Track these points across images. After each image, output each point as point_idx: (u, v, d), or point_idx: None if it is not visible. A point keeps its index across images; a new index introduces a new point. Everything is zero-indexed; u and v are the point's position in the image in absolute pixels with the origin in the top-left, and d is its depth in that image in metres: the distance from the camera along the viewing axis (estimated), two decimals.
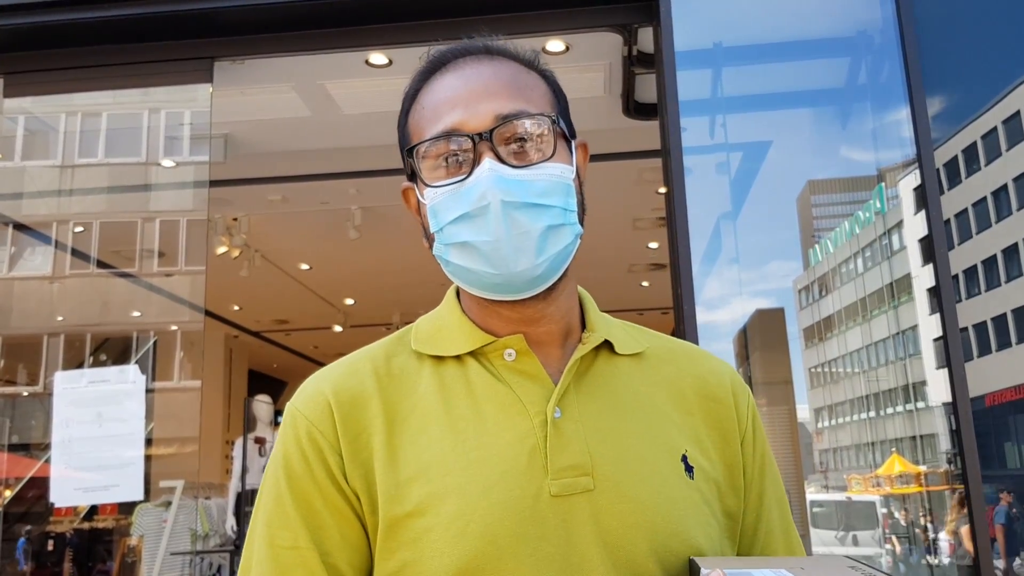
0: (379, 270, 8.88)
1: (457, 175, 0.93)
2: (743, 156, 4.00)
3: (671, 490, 0.92)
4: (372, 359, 1.00)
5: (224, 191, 6.02)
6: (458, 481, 0.88)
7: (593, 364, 0.99)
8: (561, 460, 0.90)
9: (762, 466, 1.04)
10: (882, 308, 5.19)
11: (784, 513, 1.05)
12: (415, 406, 0.94)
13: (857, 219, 5.91)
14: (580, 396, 0.95)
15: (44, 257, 4.69)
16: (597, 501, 0.89)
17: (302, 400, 0.97)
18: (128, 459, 3.62)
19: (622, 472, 0.91)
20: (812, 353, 8.74)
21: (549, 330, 0.98)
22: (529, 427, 0.91)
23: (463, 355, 0.98)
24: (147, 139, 4.42)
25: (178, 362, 5.47)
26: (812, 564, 0.79)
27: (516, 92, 0.96)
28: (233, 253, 7.35)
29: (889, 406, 5.69)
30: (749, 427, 1.04)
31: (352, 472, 0.90)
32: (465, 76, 0.97)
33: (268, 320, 11.45)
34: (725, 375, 1.06)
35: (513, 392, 0.94)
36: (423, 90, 1.00)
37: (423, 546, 0.86)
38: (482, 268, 0.92)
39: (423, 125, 0.97)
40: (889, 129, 3.78)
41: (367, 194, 6.49)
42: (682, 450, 0.96)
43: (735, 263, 3.87)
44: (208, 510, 6.14)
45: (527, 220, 0.90)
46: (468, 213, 0.91)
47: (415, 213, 1.03)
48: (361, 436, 0.92)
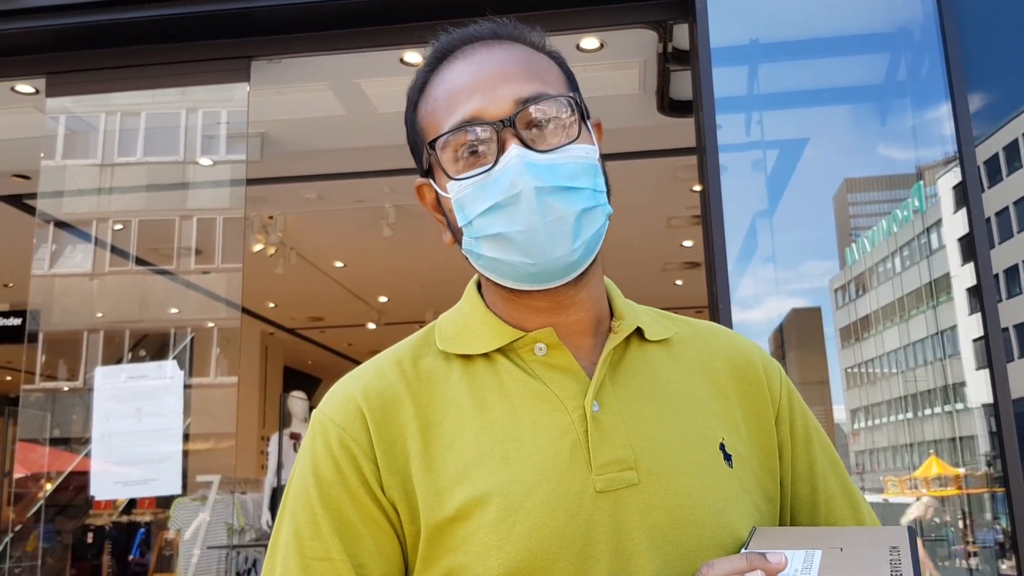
0: (412, 268, 8.92)
1: (481, 165, 0.90)
2: (779, 153, 3.96)
3: (712, 481, 0.90)
4: (399, 362, 0.97)
5: (260, 189, 6.08)
6: (500, 482, 0.86)
7: (625, 353, 0.97)
8: (604, 455, 0.88)
9: (806, 436, 1.02)
10: (920, 308, 5.12)
11: (841, 477, 1.03)
12: (447, 408, 0.92)
13: (895, 218, 5.83)
14: (616, 387, 0.93)
15: (84, 254, 4.75)
16: (643, 495, 0.87)
17: (331, 407, 0.94)
18: (166, 454, 3.67)
19: (665, 465, 0.89)
20: (848, 353, 8.62)
21: (580, 318, 0.96)
22: (567, 422, 0.89)
23: (491, 352, 0.95)
24: (185, 138, 4.48)
25: (215, 358, 5.53)
26: (855, 542, 0.78)
27: (532, 74, 0.93)
28: (269, 251, 7.42)
29: (927, 407, 5.61)
30: (785, 402, 1.02)
31: (388, 480, 0.88)
32: (478, 61, 0.94)
33: (303, 317, 11.55)
34: (754, 352, 1.04)
35: (547, 387, 0.92)
36: (432, 80, 0.97)
37: (469, 551, 0.84)
38: (518, 259, 0.89)
39: (439, 116, 0.94)
40: (929, 126, 3.72)
41: (401, 192, 6.51)
42: (719, 438, 0.94)
43: (771, 262, 3.84)
44: (244, 505, 6.20)
45: (561, 205, 0.88)
46: (499, 203, 0.88)
47: (432, 210, 1.01)
48: (396, 443, 0.90)
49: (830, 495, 1.01)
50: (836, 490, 1.01)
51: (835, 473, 1.03)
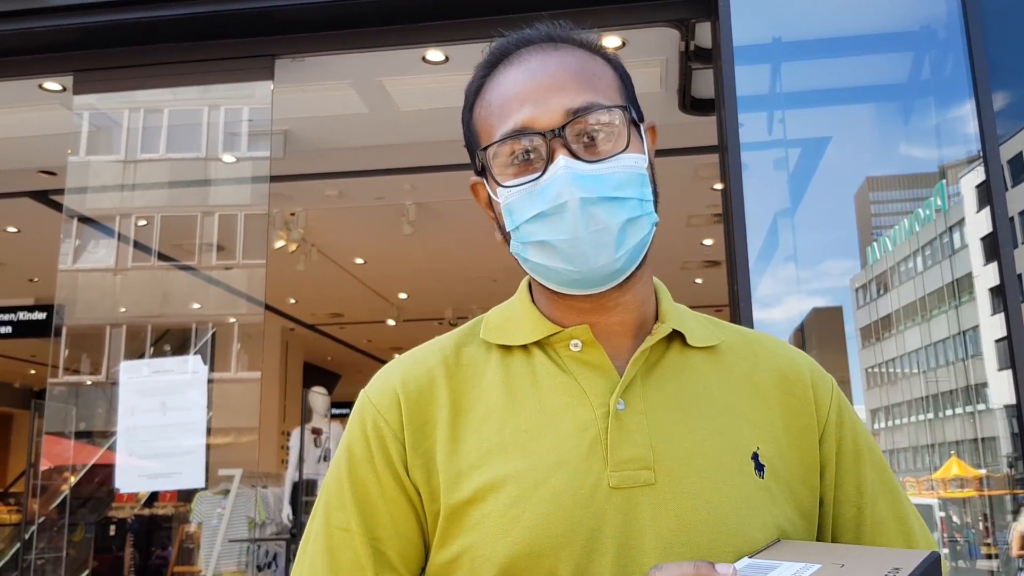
0: (432, 265, 8.94)
1: (530, 173, 0.92)
2: (801, 152, 3.95)
3: (734, 489, 0.89)
4: (442, 349, 1.01)
5: (283, 186, 6.12)
6: (516, 468, 0.88)
7: (664, 356, 0.98)
8: (621, 453, 0.89)
9: (856, 456, 1.00)
10: (942, 308, 5.09)
11: (896, 502, 1.00)
12: (480, 396, 0.95)
13: (917, 217, 5.79)
14: (647, 389, 0.94)
15: (107, 250, 4.80)
16: (657, 496, 0.87)
17: (374, 388, 0.98)
18: (190, 447, 3.71)
19: (685, 468, 0.89)
20: (869, 353, 8.55)
21: (623, 320, 0.97)
22: (591, 418, 0.91)
23: (530, 345, 0.98)
24: (208, 135, 4.51)
25: (235, 354, 5.57)
26: (862, 561, 0.75)
27: (585, 83, 0.93)
28: (290, 247, 7.46)
29: (948, 408, 5.57)
30: (833, 419, 1.00)
31: (413, 462, 0.91)
32: (531, 69, 0.94)
33: (323, 313, 11.61)
34: (804, 367, 1.03)
35: (576, 382, 0.94)
36: (487, 84, 0.98)
37: (480, 532, 0.87)
38: (561, 266, 0.91)
39: (492, 123, 0.95)
40: (952, 125, 3.70)
41: (422, 190, 6.54)
42: (753, 448, 0.93)
43: (792, 261, 3.83)
44: (265, 499, 6.24)
45: (605, 215, 0.89)
46: (544, 212, 0.90)
47: (485, 207, 1.02)
48: (426, 426, 0.93)
49: (878, 519, 0.98)
50: (886, 515, 0.99)
51: (888, 497, 1.00)
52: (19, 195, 6.49)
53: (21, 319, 9.45)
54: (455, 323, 11.79)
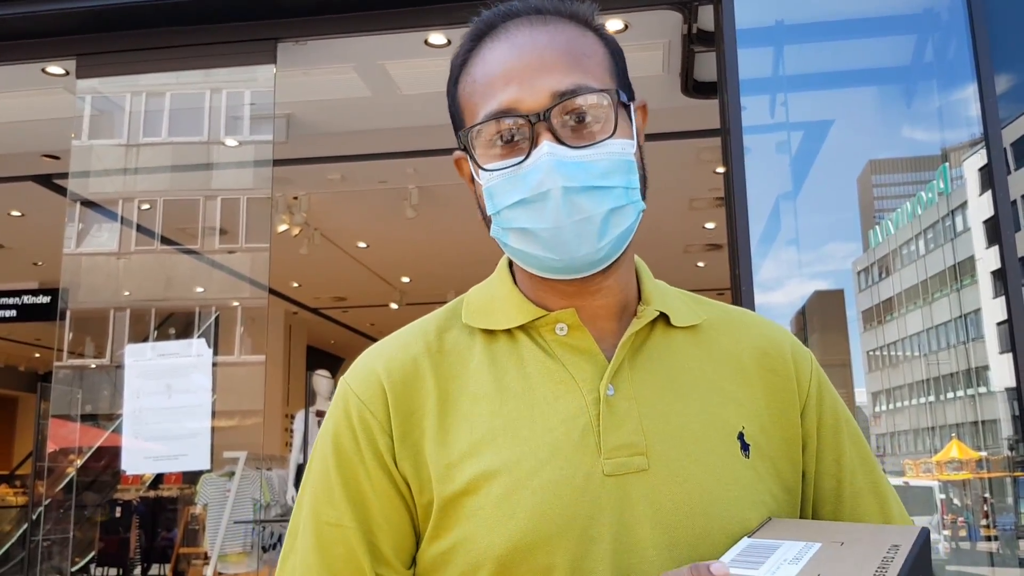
0: (435, 249, 8.95)
1: (514, 155, 0.88)
2: (804, 135, 3.95)
3: (725, 470, 0.89)
4: (424, 334, 0.97)
5: (285, 170, 6.12)
6: (508, 459, 0.86)
7: (648, 338, 0.96)
8: (614, 439, 0.87)
9: (835, 429, 1.00)
10: (944, 291, 5.09)
11: (871, 473, 1.00)
12: (467, 383, 0.92)
13: (920, 200, 5.78)
14: (634, 373, 0.92)
15: (111, 234, 4.81)
16: (651, 481, 0.86)
17: (355, 378, 0.94)
18: (195, 430, 3.74)
19: (677, 452, 0.88)
20: (871, 336, 8.57)
21: (606, 303, 0.95)
22: (581, 405, 0.89)
23: (514, 329, 0.95)
24: (210, 119, 4.52)
25: (239, 337, 5.59)
26: (859, 538, 0.77)
27: (573, 63, 0.89)
28: (293, 231, 7.47)
29: (949, 391, 5.58)
30: (814, 393, 1.00)
31: (402, 454, 0.89)
32: (518, 45, 0.90)
33: (326, 297, 11.62)
34: (785, 343, 1.02)
35: (565, 368, 0.92)
36: (473, 59, 0.94)
37: (474, 525, 0.85)
38: (542, 253, 0.89)
39: (476, 100, 0.91)
40: (955, 108, 3.70)
41: (424, 173, 6.54)
42: (739, 428, 0.92)
43: (794, 244, 3.84)
44: (270, 481, 6.28)
45: (589, 205, 0.86)
46: (526, 199, 0.87)
47: (469, 183, 0.98)
48: (413, 416, 0.90)
49: (856, 491, 0.98)
50: (864, 486, 0.99)
51: (864, 469, 1.00)
52: (23, 179, 6.50)
53: (25, 303, 9.49)
54: None
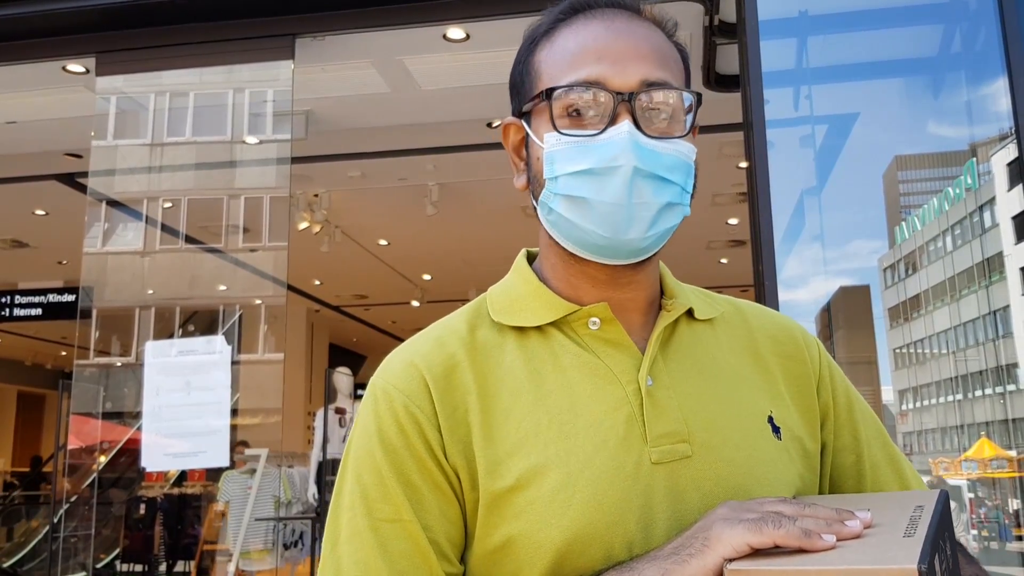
0: (455, 246, 8.95)
1: (586, 127, 0.90)
2: (828, 129, 3.89)
3: (762, 452, 0.93)
4: (456, 331, 0.97)
5: (306, 167, 6.13)
6: (557, 453, 0.87)
7: (675, 331, 0.99)
8: (658, 428, 0.90)
9: (848, 406, 1.04)
10: (972, 287, 5.02)
11: (886, 445, 1.05)
12: (503, 379, 0.93)
13: (947, 195, 5.71)
14: (667, 363, 0.95)
15: (135, 232, 4.84)
16: (696, 466, 0.89)
17: (393, 374, 0.94)
18: (215, 427, 3.73)
19: (716, 437, 0.91)
20: (897, 333, 8.49)
21: (635, 297, 0.97)
22: (622, 396, 0.91)
23: (545, 325, 0.96)
24: (232, 117, 4.52)
25: (263, 335, 5.61)
26: (885, 504, 0.81)
27: (662, 61, 0.93)
28: (314, 228, 7.49)
29: (978, 388, 5.51)
30: (826, 373, 1.04)
31: (451, 448, 0.89)
32: (616, 29, 0.93)
33: (348, 295, 11.66)
34: (795, 330, 1.07)
35: (601, 361, 0.93)
36: (562, 30, 0.95)
37: (529, 519, 0.86)
38: (591, 227, 0.90)
39: (561, 68, 0.93)
40: (983, 101, 3.63)
41: (444, 170, 6.53)
42: (767, 411, 0.96)
43: (819, 240, 3.79)
44: (291, 478, 6.30)
45: (650, 192, 0.89)
46: (593, 169, 0.89)
47: (511, 150, 1.01)
48: (457, 411, 0.91)
49: (875, 463, 1.02)
50: (881, 458, 1.03)
51: (879, 441, 1.04)
52: (46, 178, 6.56)
53: (51, 301, 9.58)
54: None
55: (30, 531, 10.69)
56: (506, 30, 4.27)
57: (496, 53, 4.55)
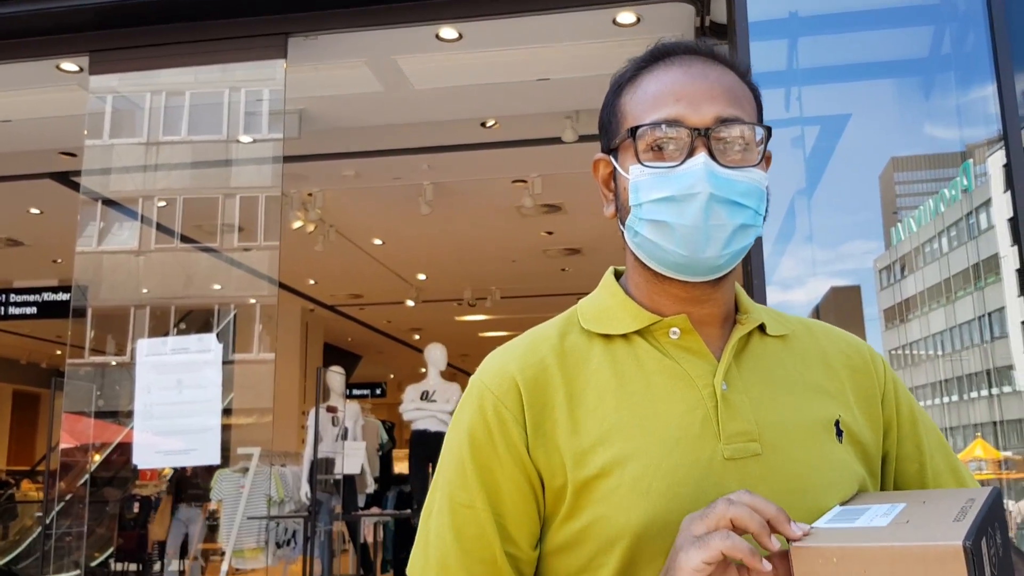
0: (450, 245, 8.94)
1: (666, 160, 1.01)
2: (820, 130, 3.90)
3: (826, 452, 1.03)
4: (547, 338, 1.09)
5: (299, 166, 6.13)
6: (639, 445, 0.98)
7: (748, 343, 1.09)
8: (731, 427, 1.00)
9: (912, 418, 1.15)
10: (967, 289, 5.03)
11: (948, 456, 1.15)
12: (589, 380, 1.04)
13: (943, 197, 5.72)
14: (741, 371, 1.05)
15: (131, 231, 4.83)
16: (765, 464, 0.99)
17: (489, 375, 1.06)
18: (206, 425, 3.73)
19: (785, 438, 1.01)
20: (893, 334, 8.50)
21: (712, 312, 1.08)
22: (698, 398, 1.02)
23: (630, 334, 1.07)
24: (227, 116, 4.52)
25: (257, 334, 5.61)
26: (940, 497, 0.89)
27: (734, 100, 1.04)
28: (308, 228, 7.48)
29: (973, 390, 5.52)
30: (891, 387, 1.15)
31: (535, 443, 1.00)
32: (692, 73, 1.04)
33: (342, 294, 11.65)
34: (863, 347, 1.19)
35: (680, 367, 1.04)
36: (645, 76, 1.07)
37: (610, 504, 0.96)
38: (672, 248, 1.01)
39: (643, 108, 1.05)
40: (978, 102, 3.63)
41: (439, 169, 6.52)
42: (834, 417, 1.06)
43: (813, 242, 3.79)
44: (283, 477, 6.30)
45: (725, 215, 1.00)
46: (673, 196, 1.00)
47: (601, 183, 1.14)
48: (545, 409, 1.02)
49: (937, 471, 1.13)
50: (943, 467, 1.13)
51: (942, 452, 1.15)
52: (41, 176, 6.55)
53: (46, 299, 9.56)
54: (474, 304, 11.81)
55: (24, 530, 10.68)
56: (499, 30, 4.28)
57: (489, 53, 4.55)
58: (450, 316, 12.80)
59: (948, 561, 0.72)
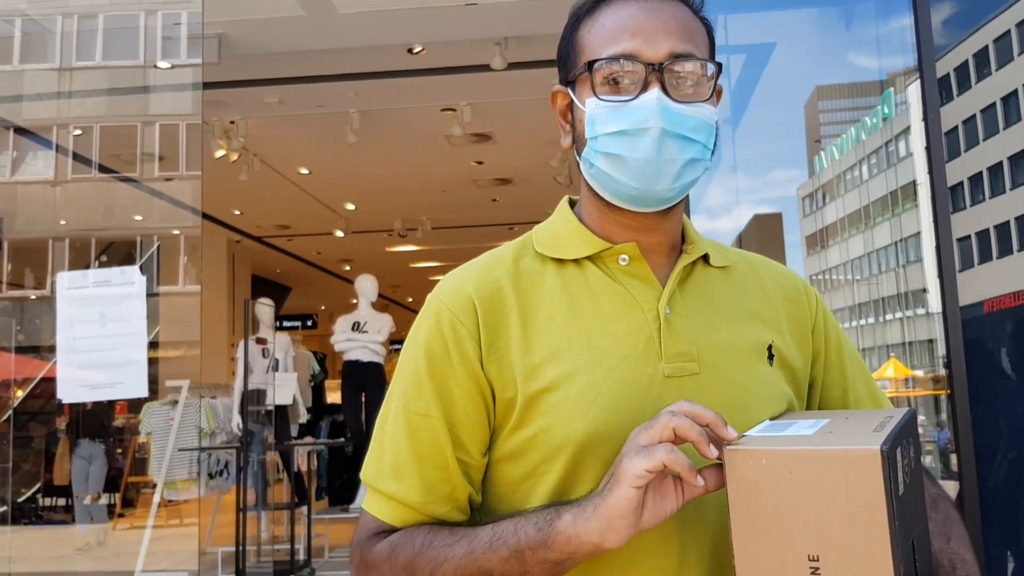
0: (379, 175, 8.83)
1: (621, 94, 1.06)
2: (746, 59, 3.93)
3: (758, 374, 1.11)
4: (503, 260, 1.14)
5: (220, 93, 5.95)
6: (586, 362, 1.05)
7: (692, 272, 1.16)
8: (672, 348, 1.07)
9: (839, 348, 1.24)
10: (885, 215, 5.19)
11: (868, 383, 1.25)
12: (542, 301, 1.10)
13: (864, 125, 5.84)
14: (684, 297, 1.13)
15: (46, 161, 4.68)
16: (702, 382, 1.07)
17: (447, 294, 1.11)
18: (131, 358, 3.68)
19: (721, 359, 1.09)
20: (814, 260, 8.75)
21: (660, 241, 1.14)
22: (643, 320, 1.09)
23: (581, 259, 1.13)
24: (144, 41, 4.36)
25: (182, 266, 5.51)
26: (861, 415, 0.98)
27: (688, 35, 1.08)
28: (231, 157, 7.30)
29: (888, 312, 5.73)
30: (821, 319, 1.24)
31: (488, 358, 1.07)
32: (647, 8, 1.08)
33: (269, 225, 11.45)
34: (799, 280, 1.28)
35: (628, 291, 1.11)
36: (603, 10, 1.11)
37: (557, 415, 1.03)
38: (625, 180, 1.06)
39: (600, 42, 1.09)
40: (898, 32, 3.70)
41: (365, 97, 6.40)
42: (768, 342, 1.15)
43: (739, 170, 3.85)
44: (214, 409, 6.26)
45: (676, 149, 1.05)
46: (627, 130, 1.04)
47: (558, 114, 1.17)
48: (499, 327, 1.08)
49: (858, 397, 1.23)
50: (864, 394, 1.23)
51: (863, 379, 1.25)
52: None
53: None
54: (404, 235, 11.73)
55: None
56: None
57: None
58: (380, 247, 12.70)
59: (866, 464, 0.80)
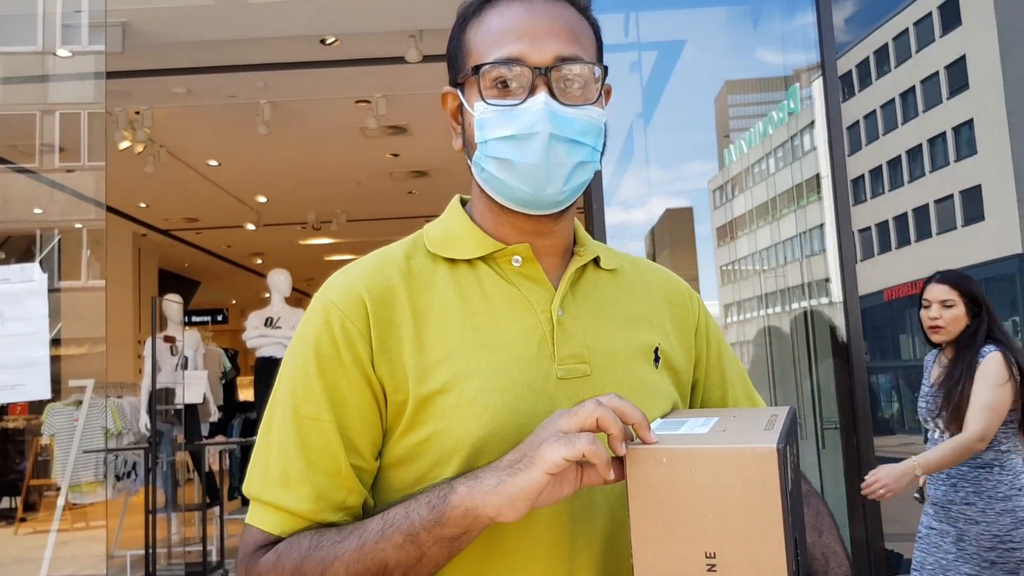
0: (292, 167, 8.69)
1: (509, 97, 1.06)
2: (658, 56, 3.99)
3: (645, 376, 1.13)
4: (394, 259, 1.13)
5: (124, 83, 5.76)
6: (479, 364, 1.05)
7: (583, 274, 1.18)
8: (564, 350, 1.08)
9: (719, 351, 1.28)
10: (791, 207, 5.34)
11: (746, 385, 1.30)
12: (434, 301, 1.09)
13: (771, 119, 6.00)
14: (575, 299, 1.14)
15: None
16: (593, 384, 1.08)
17: (336, 293, 1.09)
18: (33, 359, 3.54)
19: (611, 361, 1.11)
20: (724, 251, 8.97)
21: (553, 243, 1.15)
22: (536, 322, 1.09)
23: (474, 259, 1.13)
24: (42, 28, 4.19)
25: (85, 261, 5.33)
26: (747, 414, 1.02)
27: (574, 37, 1.08)
28: (136, 148, 7.08)
29: (794, 302, 5.91)
30: (703, 323, 1.27)
31: (380, 358, 1.04)
32: (534, 11, 1.08)
33: (177, 218, 11.15)
34: (683, 285, 1.31)
35: (521, 293, 1.11)
36: (489, 11, 1.10)
37: (450, 418, 1.02)
38: (516, 184, 1.07)
39: (487, 45, 1.08)
40: (804, 30, 3.81)
41: (277, 88, 6.29)
42: (654, 344, 1.17)
43: (651, 163, 3.91)
44: (121, 408, 6.08)
45: (564, 153, 1.05)
46: (515, 135, 1.05)
47: (450, 116, 1.17)
48: (391, 327, 1.06)
49: (736, 398, 1.27)
50: (741, 395, 1.28)
51: (741, 382, 1.29)
52: None
53: None
54: (319, 228, 11.58)
55: None
56: None
57: None
58: (294, 240, 12.50)
59: (763, 461, 0.84)
